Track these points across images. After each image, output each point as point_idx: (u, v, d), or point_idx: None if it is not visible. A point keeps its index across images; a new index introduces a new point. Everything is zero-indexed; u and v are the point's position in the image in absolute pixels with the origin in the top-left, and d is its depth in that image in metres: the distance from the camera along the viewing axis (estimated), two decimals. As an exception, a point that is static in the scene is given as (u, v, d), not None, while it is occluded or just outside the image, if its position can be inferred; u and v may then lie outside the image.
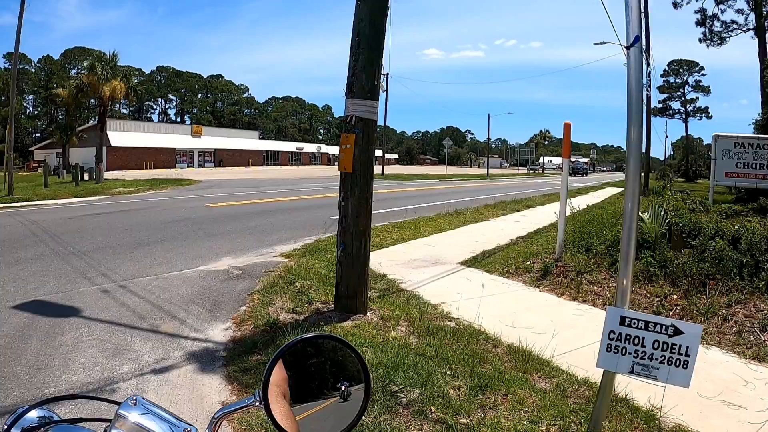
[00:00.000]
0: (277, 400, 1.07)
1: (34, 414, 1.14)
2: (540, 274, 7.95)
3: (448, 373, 4.29)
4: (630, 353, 3.01)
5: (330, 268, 7.76)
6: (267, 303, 6.18)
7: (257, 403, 1.07)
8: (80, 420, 1.09)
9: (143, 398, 1.08)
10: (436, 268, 8.50)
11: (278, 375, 1.09)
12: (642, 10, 25.26)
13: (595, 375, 4.30)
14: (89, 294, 6.79)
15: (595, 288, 7.13)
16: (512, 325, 5.69)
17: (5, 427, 1.09)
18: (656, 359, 2.95)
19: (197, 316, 5.95)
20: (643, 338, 2.98)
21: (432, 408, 3.71)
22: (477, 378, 4.18)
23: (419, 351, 4.70)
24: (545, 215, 15.95)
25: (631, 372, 3.01)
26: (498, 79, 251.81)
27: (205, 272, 8.04)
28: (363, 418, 1.14)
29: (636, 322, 2.99)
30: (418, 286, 7.31)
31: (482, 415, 3.67)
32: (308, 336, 1.15)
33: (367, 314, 5.72)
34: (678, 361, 2.90)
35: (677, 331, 2.91)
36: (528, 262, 8.57)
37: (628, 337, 3.02)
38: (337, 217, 5.78)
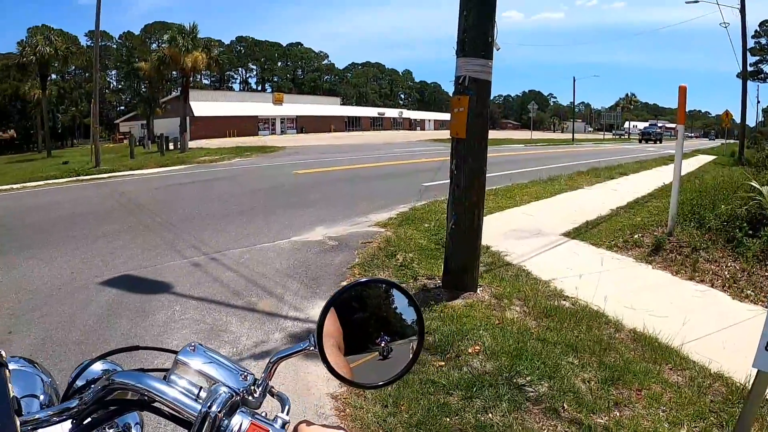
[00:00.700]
0: (332, 349, 1.06)
1: (98, 366, 1.18)
2: (651, 249, 7.37)
3: (575, 362, 3.91)
4: (791, 353, 2.56)
5: (430, 239, 7.48)
6: (370, 278, 5.90)
7: (312, 348, 1.05)
8: (141, 370, 1.02)
9: (201, 345, 1.07)
10: (539, 240, 8.05)
11: (333, 326, 1.07)
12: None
13: (730, 369, 3.84)
14: (179, 268, 6.68)
15: (713, 267, 6.54)
16: (631, 307, 5.22)
17: (71, 379, 1.13)
18: (817, 359, 2.54)
19: (295, 293, 5.73)
20: (806, 336, 2.55)
21: (564, 405, 3.35)
22: (607, 369, 3.79)
23: (540, 336, 4.33)
24: (642, 183, 15.15)
25: (789, 373, 2.57)
26: (580, 41, 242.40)
27: (299, 243, 7.87)
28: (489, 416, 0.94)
29: (800, 318, 2.55)
30: (524, 259, 6.89)
31: (618, 414, 3.29)
32: (363, 281, 1.11)
33: (477, 292, 5.36)
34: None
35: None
36: (636, 236, 7.99)
37: (790, 336, 2.57)
38: (430, 184, 5.44)
